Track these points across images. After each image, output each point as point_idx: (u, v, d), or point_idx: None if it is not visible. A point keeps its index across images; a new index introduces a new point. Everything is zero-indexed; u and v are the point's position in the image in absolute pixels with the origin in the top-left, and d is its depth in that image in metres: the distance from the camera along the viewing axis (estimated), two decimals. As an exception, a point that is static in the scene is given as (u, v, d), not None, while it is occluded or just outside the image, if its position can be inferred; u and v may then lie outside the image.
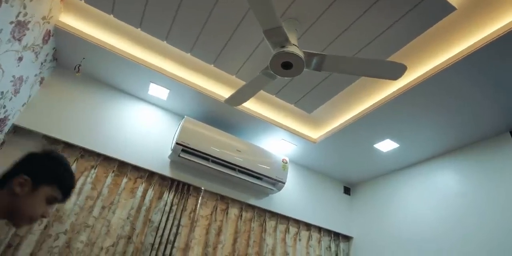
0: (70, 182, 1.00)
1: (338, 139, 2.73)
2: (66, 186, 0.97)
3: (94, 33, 2.24)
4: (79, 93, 2.42)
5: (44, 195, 0.92)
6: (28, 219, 0.91)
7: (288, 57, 1.58)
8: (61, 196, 0.97)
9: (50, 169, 0.95)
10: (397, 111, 2.30)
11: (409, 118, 2.35)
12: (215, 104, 2.59)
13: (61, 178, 0.96)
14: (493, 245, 2.03)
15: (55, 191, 0.94)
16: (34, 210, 0.91)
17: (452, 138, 2.48)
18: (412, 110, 2.27)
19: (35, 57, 2.05)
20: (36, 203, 0.91)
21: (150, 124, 2.60)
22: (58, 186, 0.95)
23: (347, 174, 3.30)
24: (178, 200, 2.40)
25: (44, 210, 0.94)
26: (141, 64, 2.32)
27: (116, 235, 2.11)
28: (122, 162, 2.35)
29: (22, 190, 0.88)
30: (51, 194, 0.93)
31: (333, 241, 2.98)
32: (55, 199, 0.96)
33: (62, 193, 0.97)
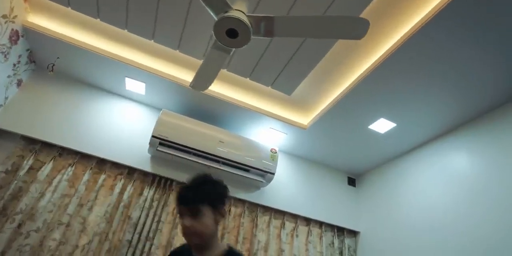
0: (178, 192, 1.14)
1: (328, 123, 2.51)
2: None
3: (64, 31, 2.24)
4: (57, 93, 2.43)
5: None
6: None
7: (231, 23, 1.43)
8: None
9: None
10: (382, 84, 2.06)
11: (398, 91, 2.10)
12: (194, 94, 2.49)
13: None
14: (510, 226, 1.70)
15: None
16: None
17: (454, 112, 2.18)
18: (399, 81, 2.02)
19: (4, 57, 2.07)
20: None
21: (130, 119, 2.55)
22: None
23: (350, 164, 3.03)
24: (159, 195, 2.31)
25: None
26: (113, 58, 2.28)
27: (92, 233, 2.04)
28: (101, 159, 2.31)
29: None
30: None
31: (336, 237, 2.71)
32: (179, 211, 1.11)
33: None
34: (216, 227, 1.09)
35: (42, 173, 2.09)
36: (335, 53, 2.06)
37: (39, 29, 2.18)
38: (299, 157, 3.03)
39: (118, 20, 2.02)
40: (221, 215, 1.11)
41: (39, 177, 2.07)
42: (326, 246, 2.64)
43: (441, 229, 2.10)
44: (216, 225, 1.09)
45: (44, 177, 2.09)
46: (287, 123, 2.62)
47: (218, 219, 1.09)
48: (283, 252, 2.44)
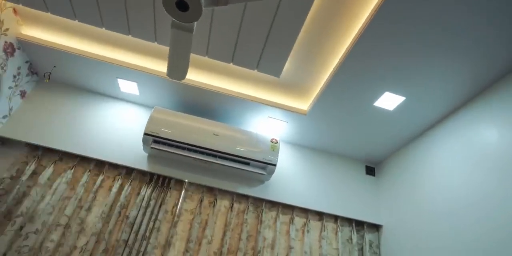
0: None
1: (327, 105, 2.29)
2: None
3: (56, 39, 2.32)
4: (57, 101, 2.52)
5: None
6: None
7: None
8: None
9: None
10: (375, 53, 1.82)
11: (395, 59, 1.84)
12: (187, 89, 2.44)
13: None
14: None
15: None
16: None
17: (472, 76, 1.85)
18: (394, 47, 1.75)
19: (1, 69, 2.19)
20: None
21: (127, 120, 2.56)
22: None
23: (365, 151, 2.74)
24: (156, 194, 2.25)
25: None
26: (103, 60, 2.31)
27: (90, 233, 2.04)
28: (99, 161, 2.33)
29: None
30: None
31: (355, 232, 2.43)
32: None
33: None
34: None
35: (43, 177, 2.15)
36: (316, 31, 1.89)
37: (34, 40, 2.28)
38: (306, 147, 2.81)
39: (94, 19, 2.03)
40: None
41: (40, 181, 2.13)
42: (343, 242, 2.37)
43: (474, 214, 1.75)
44: None
45: (45, 180, 2.15)
46: (285, 110, 2.44)
47: None
48: (292, 249, 2.23)
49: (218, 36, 2.01)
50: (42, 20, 2.22)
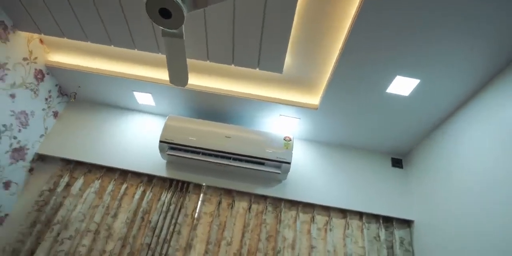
0: None
1: (336, 97, 2.20)
2: None
3: (78, 61, 2.54)
4: (84, 118, 2.75)
5: None
6: None
7: (158, 3, 1.38)
8: None
9: None
10: (376, 31, 1.70)
11: (401, 38, 1.71)
12: (198, 95, 2.51)
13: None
14: None
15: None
16: None
17: (493, 48, 1.65)
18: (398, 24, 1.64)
19: (34, 94, 2.46)
20: None
21: (146, 131, 2.70)
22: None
23: (389, 142, 2.57)
24: (176, 199, 2.33)
25: None
26: (119, 76, 2.48)
27: (117, 238, 2.16)
28: (123, 170, 2.48)
29: None
30: None
31: (382, 229, 2.27)
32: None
33: None
34: None
35: (75, 188, 2.34)
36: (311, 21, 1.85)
37: (60, 65, 2.52)
38: (323, 143, 2.72)
39: (102, 38, 2.19)
40: None
41: (73, 192, 2.32)
42: (370, 240, 2.23)
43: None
44: None
45: (77, 191, 2.34)
46: (296, 106, 2.40)
47: None
48: (314, 249, 2.15)
49: (215, 40, 2.05)
50: (63, 45, 2.45)
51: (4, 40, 2.16)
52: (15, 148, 2.36)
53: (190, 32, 2.03)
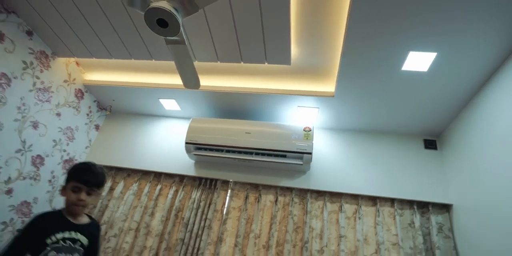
0: (82, 174, 1.42)
1: (349, 81, 2.14)
2: (79, 178, 1.40)
3: (110, 77, 2.82)
4: (120, 128, 3.02)
5: (69, 188, 1.39)
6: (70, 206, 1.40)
7: (154, 14, 1.50)
8: (81, 184, 1.38)
9: (70, 172, 1.46)
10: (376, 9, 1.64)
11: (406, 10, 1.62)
12: (217, 96, 2.61)
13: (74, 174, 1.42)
14: None
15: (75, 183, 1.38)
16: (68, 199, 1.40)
17: None
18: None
19: (75, 111, 2.77)
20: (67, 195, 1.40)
21: (174, 134, 2.88)
22: (75, 180, 1.39)
23: (419, 123, 2.42)
24: (205, 196, 2.45)
25: (75, 197, 1.38)
26: (144, 86, 2.70)
27: (154, 234, 2.33)
28: (157, 173, 2.68)
29: (61, 192, 1.45)
30: (72, 186, 1.38)
31: (417, 215, 2.13)
32: (78, 188, 1.38)
33: (80, 183, 1.39)
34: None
35: (116, 191, 2.59)
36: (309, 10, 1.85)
37: (95, 83, 2.83)
38: (346, 130, 2.64)
39: (124, 53, 2.41)
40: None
41: (115, 195, 2.57)
42: (404, 227, 2.11)
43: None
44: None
45: (118, 194, 2.58)
46: (312, 96, 2.38)
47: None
48: (343, 238, 2.09)
49: (220, 41, 2.14)
50: (95, 65, 2.74)
51: (47, 67, 2.49)
52: (66, 160, 2.68)
53: (197, 37, 2.14)
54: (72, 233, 1.39)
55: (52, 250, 1.31)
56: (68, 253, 1.36)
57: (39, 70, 2.41)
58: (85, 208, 1.43)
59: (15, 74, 2.22)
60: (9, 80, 2.19)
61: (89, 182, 1.40)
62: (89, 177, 1.41)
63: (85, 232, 1.44)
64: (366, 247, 2.08)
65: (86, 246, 1.43)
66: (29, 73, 2.33)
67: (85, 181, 1.40)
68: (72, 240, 1.38)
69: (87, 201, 1.40)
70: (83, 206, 1.40)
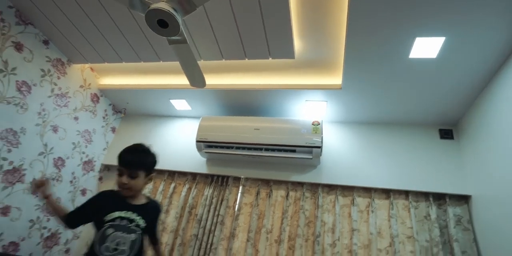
0: (122, 157, 1.45)
1: (356, 72, 2.09)
2: (119, 161, 1.44)
3: (123, 81, 2.93)
4: (135, 129, 3.13)
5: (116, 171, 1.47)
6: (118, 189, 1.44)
7: (153, 16, 1.54)
8: (121, 167, 1.42)
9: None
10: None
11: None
12: (225, 93, 2.64)
13: (118, 157, 1.46)
14: None
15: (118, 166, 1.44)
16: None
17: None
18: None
19: (92, 115, 2.90)
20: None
21: (186, 133, 2.94)
22: (118, 163, 1.44)
23: (433, 112, 2.33)
24: (217, 193, 2.48)
25: (118, 180, 1.43)
26: (155, 88, 2.78)
27: (170, 231, 2.40)
28: (170, 172, 2.75)
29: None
30: (117, 169, 1.45)
31: (433, 207, 2.06)
32: (120, 170, 1.43)
33: (121, 165, 1.43)
34: (143, 186, 1.50)
35: (133, 190, 2.67)
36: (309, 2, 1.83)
37: (110, 87, 2.94)
38: (357, 123, 2.58)
39: (133, 57, 2.49)
40: (150, 179, 1.55)
41: (132, 193, 2.66)
42: (420, 220, 2.04)
43: None
44: (144, 184, 1.50)
45: (135, 193, 2.67)
46: (319, 89, 2.36)
47: (147, 181, 1.51)
48: (355, 232, 2.06)
49: (223, 39, 2.16)
50: (108, 69, 2.85)
51: (63, 73, 2.62)
52: (85, 161, 2.81)
53: (200, 37, 2.17)
54: (128, 213, 1.39)
55: (110, 227, 1.35)
56: (125, 232, 1.36)
57: (56, 77, 2.54)
58: (131, 191, 1.41)
59: (34, 82, 2.35)
60: (29, 87, 2.32)
61: (127, 164, 1.39)
62: (127, 160, 1.41)
63: (142, 212, 1.43)
64: (380, 240, 2.03)
65: (143, 226, 1.42)
66: (47, 80, 2.46)
67: (124, 164, 1.40)
68: (129, 220, 1.38)
69: (130, 184, 1.37)
70: (127, 189, 1.39)
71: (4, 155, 2.14)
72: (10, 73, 2.18)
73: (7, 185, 2.17)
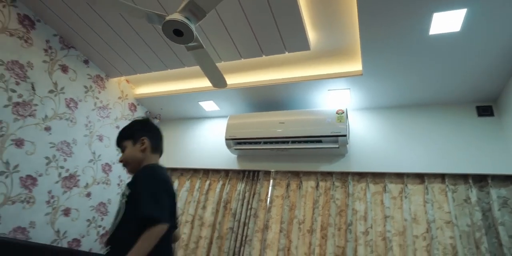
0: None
1: (375, 55, 2.03)
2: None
3: (156, 88, 3.16)
4: (170, 133, 3.34)
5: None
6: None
7: (169, 26, 1.66)
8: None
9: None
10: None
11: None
12: (249, 91, 2.71)
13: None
14: None
15: None
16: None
17: None
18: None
19: (131, 122, 3.17)
20: None
21: (217, 133, 3.07)
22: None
23: (468, 89, 2.18)
24: (249, 187, 2.57)
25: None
26: (184, 92, 2.96)
27: (207, 225, 2.54)
28: (205, 170, 2.90)
29: None
30: None
31: (473, 189, 1.91)
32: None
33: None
34: (142, 154, 1.35)
35: (173, 189, 2.87)
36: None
37: (145, 95, 3.19)
38: (384, 108, 2.49)
39: (160, 65, 2.67)
40: (141, 143, 1.37)
41: (172, 192, 2.86)
42: (459, 204, 1.91)
43: None
44: (140, 152, 1.35)
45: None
46: (339, 77, 2.34)
47: (140, 147, 1.36)
48: (389, 219, 2.00)
49: (239, 39, 2.23)
50: (141, 80, 3.10)
51: (103, 88, 2.91)
52: (129, 165, 3.08)
53: (217, 40, 2.27)
54: (124, 189, 1.29)
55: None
56: (119, 206, 1.27)
57: (98, 92, 2.83)
58: (129, 166, 1.35)
59: (79, 98, 2.65)
60: (76, 103, 2.62)
61: (116, 144, 1.41)
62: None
63: (131, 181, 1.28)
64: (416, 226, 1.95)
65: (127, 194, 1.23)
66: (90, 95, 2.76)
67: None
68: (122, 194, 1.28)
69: (123, 158, 1.35)
70: (126, 165, 1.35)
71: (61, 164, 2.45)
72: (59, 92, 2.49)
73: (66, 190, 2.47)
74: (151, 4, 2.02)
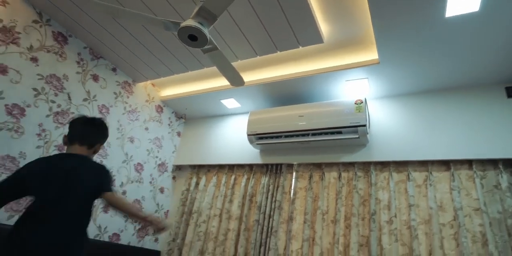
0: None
1: (392, 43, 2.00)
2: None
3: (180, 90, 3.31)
4: (196, 132, 3.48)
5: None
6: None
7: (184, 33, 1.76)
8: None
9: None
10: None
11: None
12: (268, 86, 2.76)
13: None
14: None
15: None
16: None
17: None
18: None
19: (159, 123, 3.35)
20: None
21: (240, 129, 3.15)
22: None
23: (495, 70, 2.07)
24: (273, 180, 2.63)
25: None
26: (207, 92, 3.07)
27: (235, 218, 2.64)
28: (230, 165, 3.00)
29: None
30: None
31: (503, 175, 1.82)
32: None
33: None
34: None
35: (201, 185, 3.01)
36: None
37: (170, 97, 3.35)
38: (404, 95, 2.43)
39: (181, 68, 2.79)
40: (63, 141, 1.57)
41: (200, 188, 3.00)
42: (489, 190, 1.84)
43: None
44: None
45: (202, 187, 3.01)
46: (356, 67, 2.32)
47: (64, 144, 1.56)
48: (413, 207, 1.96)
49: (252, 37, 2.28)
50: (165, 82, 3.26)
51: (131, 92, 3.10)
52: (159, 164, 3.26)
53: (232, 40, 2.33)
54: None
55: None
56: None
57: (126, 97, 3.02)
58: None
59: (110, 104, 2.85)
60: (108, 108, 2.82)
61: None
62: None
63: None
64: (442, 214, 1.90)
65: None
66: (120, 101, 2.95)
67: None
68: None
69: None
70: None
71: (97, 165, 2.66)
72: (92, 100, 2.70)
73: (104, 188, 2.68)
74: (168, 11, 2.13)
